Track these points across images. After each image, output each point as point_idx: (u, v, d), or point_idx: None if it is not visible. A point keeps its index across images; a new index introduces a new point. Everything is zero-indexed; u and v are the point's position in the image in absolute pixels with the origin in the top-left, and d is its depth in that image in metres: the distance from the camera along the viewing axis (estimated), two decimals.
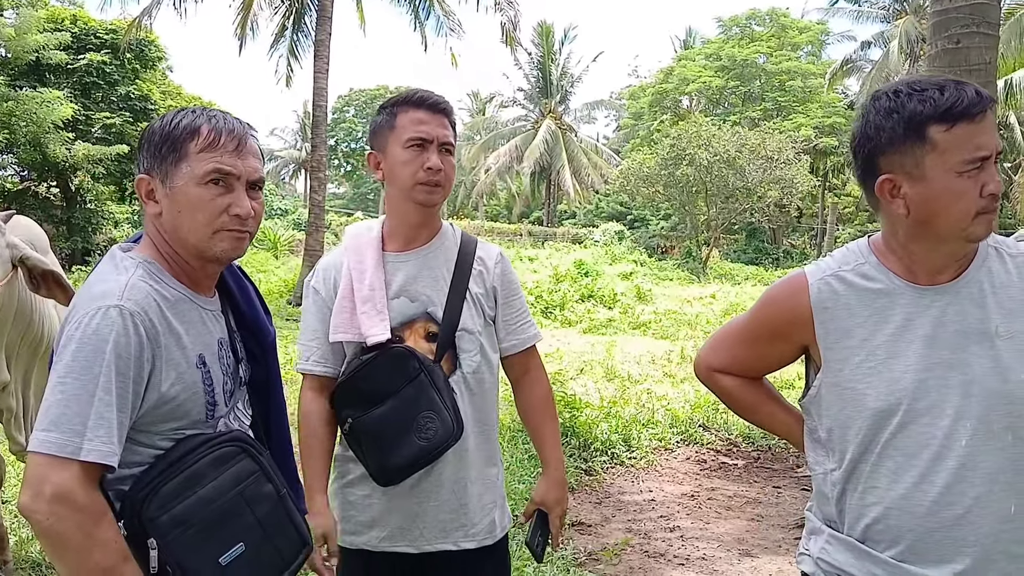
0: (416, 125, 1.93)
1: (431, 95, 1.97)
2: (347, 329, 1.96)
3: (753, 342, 1.74)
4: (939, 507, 1.46)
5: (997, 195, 1.45)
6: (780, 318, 1.66)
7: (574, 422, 6.21)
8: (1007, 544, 1.46)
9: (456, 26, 21.19)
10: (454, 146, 2.00)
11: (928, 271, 1.53)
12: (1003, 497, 1.45)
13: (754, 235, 35.48)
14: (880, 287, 1.54)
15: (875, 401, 1.50)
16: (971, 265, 1.53)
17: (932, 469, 1.47)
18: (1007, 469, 1.45)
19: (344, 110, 58.58)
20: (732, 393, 1.82)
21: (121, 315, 1.41)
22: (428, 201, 1.97)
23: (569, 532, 4.60)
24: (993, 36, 4.49)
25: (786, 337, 1.65)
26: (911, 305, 1.52)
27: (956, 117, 1.41)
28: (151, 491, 1.43)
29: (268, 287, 18.27)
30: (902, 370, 1.49)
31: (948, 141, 1.42)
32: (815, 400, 1.62)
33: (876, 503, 1.52)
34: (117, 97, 20.46)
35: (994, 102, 1.47)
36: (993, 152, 1.43)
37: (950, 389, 1.46)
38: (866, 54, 33.31)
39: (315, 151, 17.68)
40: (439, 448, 1.89)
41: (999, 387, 1.45)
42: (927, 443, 1.47)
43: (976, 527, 1.45)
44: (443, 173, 1.94)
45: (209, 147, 1.51)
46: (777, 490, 5.57)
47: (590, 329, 14.36)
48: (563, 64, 45.44)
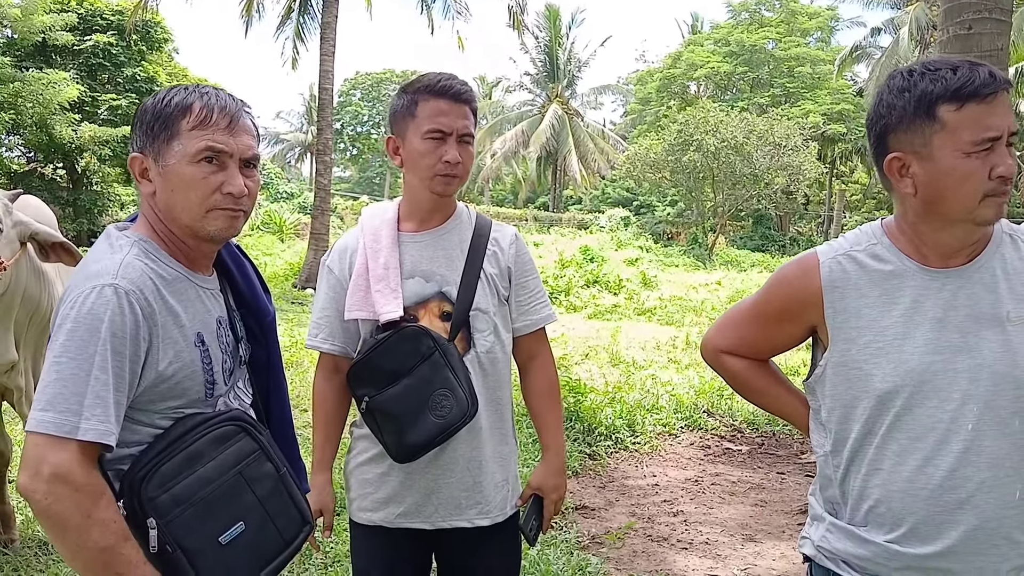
0: (436, 116, 1.91)
1: (453, 83, 1.93)
2: (362, 307, 1.96)
3: (763, 322, 1.73)
4: (943, 491, 1.45)
5: (1008, 178, 1.42)
6: (791, 297, 1.64)
7: (579, 407, 6.21)
8: (1010, 529, 1.45)
9: (463, 9, 21.09)
10: (474, 136, 1.98)
11: (939, 254, 1.51)
12: (1008, 482, 1.44)
13: (760, 222, 35.36)
14: (891, 268, 1.53)
15: (881, 382, 1.49)
16: (984, 250, 1.51)
17: (937, 452, 1.46)
18: (1013, 454, 1.44)
19: (350, 93, 58.39)
20: (739, 375, 1.81)
21: (116, 294, 1.39)
22: (445, 192, 1.97)
23: (573, 516, 4.61)
24: (1006, 22, 4.43)
25: (796, 317, 1.64)
26: (922, 287, 1.50)
27: (966, 97, 1.39)
28: (150, 470, 1.43)
29: (274, 270, 18.29)
30: (910, 352, 1.48)
31: (957, 121, 1.40)
32: (820, 379, 1.61)
33: (880, 485, 1.51)
34: (123, 79, 20.46)
35: (1009, 84, 1.45)
36: (1004, 134, 1.40)
37: (958, 373, 1.45)
38: (876, 40, 33.09)
39: (321, 134, 17.64)
40: (454, 426, 1.89)
41: (1008, 372, 1.44)
42: (933, 426, 1.46)
43: (980, 511, 1.44)
44: (461, 165, 1.94)
45: (201, 124, 1.49)
46: (781, 476, 5.56)
47: (595, 315, 14.35)
48: (570, 48, 45.20)
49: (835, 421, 1.58)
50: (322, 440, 2.10)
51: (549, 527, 2.20)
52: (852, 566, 1.56)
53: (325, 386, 2.09)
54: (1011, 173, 1.42)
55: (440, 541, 2.05)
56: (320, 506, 2.06)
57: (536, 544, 2.26)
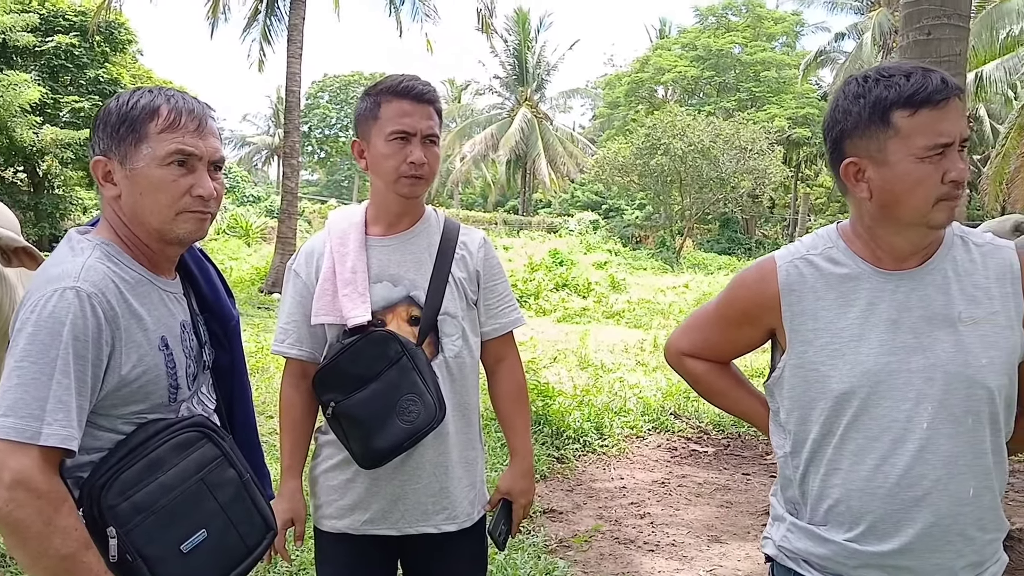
0: (399, 118, 1.89)
1: (415, 84, 1.92)
2: (328, 312, 1.95)
3: (723, 326, 1.75)
4: (899, 489, 1.48)
5: (960, 182, 1.45)
6: (749, 300, 1.67)
7: (547, 410, 6.22)
8: (964, 526, 1.48)
9: (432, 12, 21.07)
10: (439, 136, 1.97)
11: (893, 256, 1.54)
12: (962, 480, 1.47)
13: (727, 225, 35.73)
14: (847, 271, 1.56)
15: (838, 383, 1.52)
16: (936, 252, 1.54)
17: (893, 451, 1.48)
18: (967, 452, 1.48)
19: (318, 96, 57.99)
20: (701, 378, 1.83)
21: (78, 296, 1.38)
22: (411, 194, 1.96)
23: (540, 519, 4.62)
24: (963, 28, 4.52)
25: (755, 320, 1.67)
26: (876, 290, 1.53)
27: (919, 103, 1.42)
28: (111, 477, 1.41)
29: (240, 275, 18.10)
30: (866, 353, 1.50)
31: (910, 126, 1.42)
32: (779, 381, 1.63)
33: (839, 484, 1.54)
34: (86, 80, 20.14)
35: (961, 90, 1.48)
36: (956, 139, 1.43)
37: (913, 373, 1.48)
38: (840, 45, 33.58)
39: (288, 137, 17.51)
40: (422, 431, 1.88)
41: (960, 371, 1.47)
42: (889, 426, 1.49)
43: (935, 508, 1.47)
44: (427, 166, 1.92)
45: (170, 127, 1.48)
46: (746, 477, 5.63)
47: (564, 318, 14.41)
48: (539, 52, 45.32)
49: (794, 422, 1.60)
50: (290, 447, 2.05)
51: (518, 531, 2.20)
52: (813, 565, 1.58)
53: (292, 392, 2.05)
54: (963, 177, 1.45)
55: (406, 547, 2.04)
56: (291, 514, 2.01)
57: (505, 548, 2.25)
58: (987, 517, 1.51)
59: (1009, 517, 4.72)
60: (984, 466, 1.49)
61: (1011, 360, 1.50)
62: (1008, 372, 1.50)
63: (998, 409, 1.50)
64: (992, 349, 1.48)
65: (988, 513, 1.51)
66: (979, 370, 1.47)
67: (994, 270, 1.53)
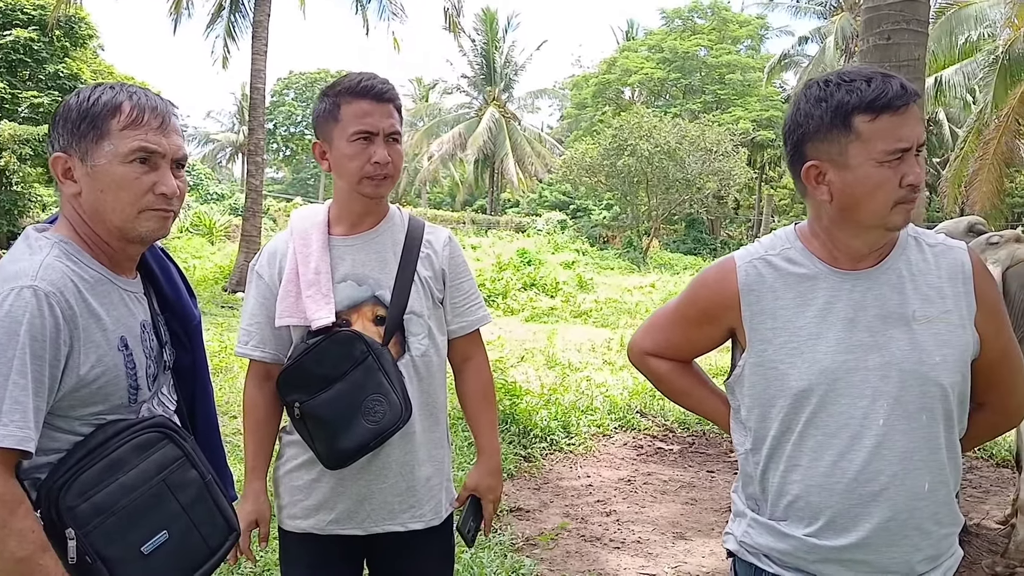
0: (360, 118, 1.88)
1: (374, 83, 1.90)
2: (292, 313, 1.93)
3: (684, 325, 1.77)
4: (857, 484, 1.51)
5: (916, 186, 1.48)
6: (710, 300, 1.69)
7: (514, 409, 6.23)
8: (921, 520, 1.52)
9: (399, 10, 21.00)
10: (401, 134, 1.96)
11: (850, 257, 1.57)
12: (918, 475, 1.51)
13: (693, 226, 36.06)
14: (804, 271, 1.59)
15: (797, 381, 1.54)
16: (891, 253, 1.58)
17: (851, 447, 1.52)
18: (922, 448, 1.51)
19: (284, 93, 57.37)
20: (664, 377, 1.85)
21: (35, 296, 1.35)
22: (376, 194, 1.95)
23: (507, 518, 4.63)
24: (922, 33, 4.62)
25: (715, 319, 1.69)
26: (833, 289, 1.56)
27: (880, 108, 1.45)
28: (69, 478, 1.39)
29: (203, 273, 17.87)
30: (823, 351, 1.53)
31: (871, 131, 1.45)
32: (739, 379, 1.65)
33: (798, 480, 1.56)
34: (45, 75, 19.73)
35: (919, 96, 1.51)
36: (914, 144, 1.47)
37: (869, 371, 1.51)
38: (803, 49, 34.10)
39: (252, 134, 17.32)
40: (388, 431, 1.87)
41: (915, 369, 1.50)
42: (846, 423, 1.52)
43: (892, 503, 1.50)
44: (391, 165, 1.91)
45: (132, 124, 1.46)
46: (711, 474, 5.69)
47: (532, 317, 14.43)
48: (507, 52, 45.31)
49: (754, 419, 1.63)
50: (254, 447, 2.04)
51: (490, 529, 2.20)
52: (774, 560, 1.61)
53: (256, 393, 2.03)
54: (920, 181, 1.48)
55: (373, 547, 2.03)
56: (256, 516, 2.00)
57: (474, 545, 2.25)
58: (942, 512, 1.55)
59: (967, 512, 4.85)
60: (939, 462, 1.53)
61: (964, 358, 1.53)
62: (961, 370, 1.53)
63: (952, 406, 1.53)
64: (945, 347, 1.51)
65: (943, 508, 1.55)
66: (933, 368, 1.50)
67: (946, 270, 1.56)
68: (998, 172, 15.30)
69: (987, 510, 4.90)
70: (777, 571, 1.60)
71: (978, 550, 4.20)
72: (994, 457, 5.96)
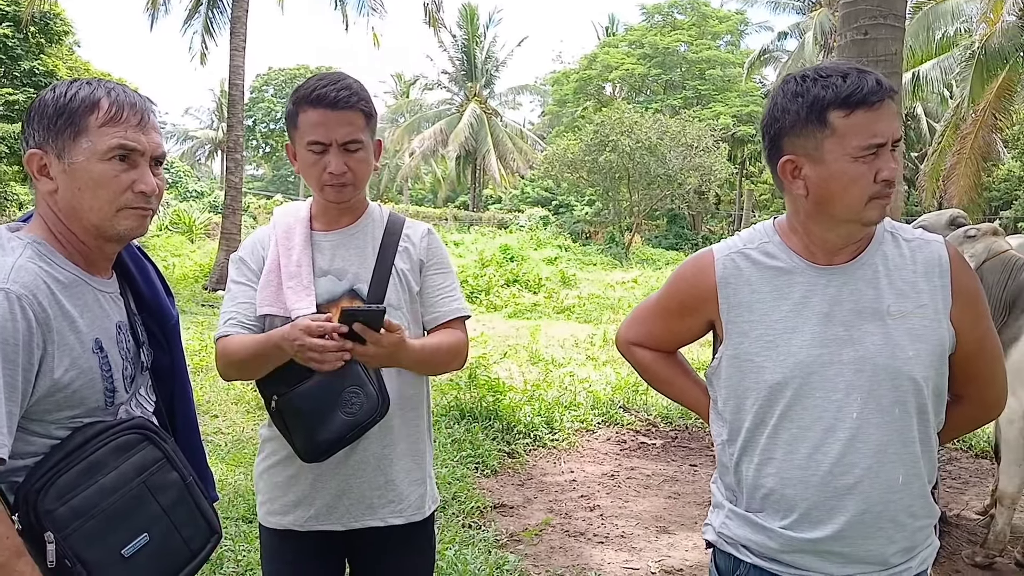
0: (313, 128, 1.85)
1: (329, 91, 1.85)
2: (272, 303, 1.93)
3: (665, 316, 1.81)
4: (832, 477, 1.53)
5: (891, 181, 1.50)
6: (688, 293, 1.72)
7: (497, 405, 6.24)
8: (895, 512, 1.54)
9: (378, 5, 20.91)
10: (362, 141, 1.90)
11: (826, 251, 1.59)
12: (891, 468, 1.53)
13: (675, 221, 36.22)
14: (781, 265, 1.61)
15: (771, 374, 1.56)
16: (867, 248, 1.59)
17: (825, 440, 1.53)
18: (895, 441, 1.53)
19: (263, 89, 57.02)
20: (647, 366, 1.88)
21: (7, 299, 1.33)
22: (338, 199, 1.94)
23: (491, 514, 4.63)
24: (899, 28, 4.64)
25: (693, 311, 1.72)
26: (810, 283, 1.58)
27: (855, 104, 1.46)
28: (47, 482, 1.37)
29: (183, 271, 17.73)
30: (799, 345, 1.55)
31: (846, 126, 1.47)
32: (716, 371, 1.68)
33: (773, 473, 1.58)
34: (20, 72, 19.45)
35: (894, 91, 1.52)
36: (889, 140, 1.48)
37: (844, 365, 1.53)
38: (782, 44, 34.28)
39: (231, 131, 17.19)
40: (364, 423, 1.86)
41: (888, 363, 1.52)
42: (820, 416, 1.54)
43: (866, 496, 1.52)
44: (348, 174, 1.89)
45: (111, 121, 1.44)
46: (693, 468, 5.72)
47: (515, 313, 14.44)
48: (488, 48, 45.27)
49: (730, 411, 1.65)
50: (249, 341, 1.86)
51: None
52: (752, 551, 1.63)
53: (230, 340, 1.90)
54: (894, 176, 1.50)
55: (353, 543, 2.02)
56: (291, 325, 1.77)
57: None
58: (917, 504, 1.56)
59: (946, 504, 4.91)
60: (913, 455, 1.55)
61: (938, 352, 1.55)
62: (935, 364, 1.55)
63: (926, 400, 1.55)
64: (919, 342, 1.53)
65: (918, 500, 1.57)
66: (906, 362, 1.52)
67: (923, 264, 1.57)
68: (975, 166, 15.49)
69: (966, 501, 4.96)
70: (755, 561, 1.62)
71: (958, 541, 4.25)
72: (973, 448, 6.03)
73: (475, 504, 4.64)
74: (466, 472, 5.15)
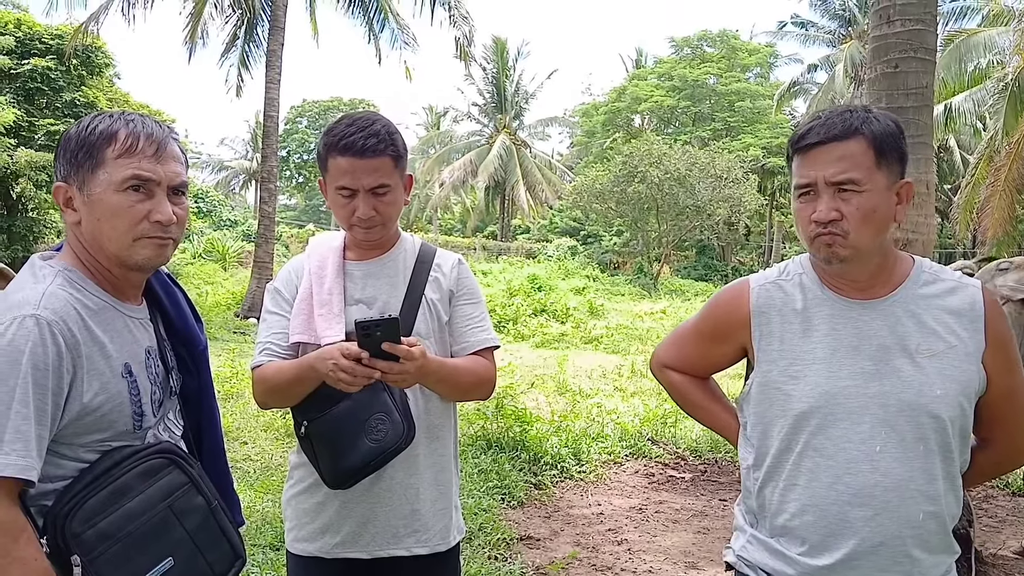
0: (341, 175, 1.89)
1: (357, 138, 1.86)
2: (304, 331, 1.95)
3: (699, 341, 1.85)
4: (851, 507, 1.54)
5: (822, 223, 1.53)
6: (723, 319, 1.77)
7: (524, 436, 6.20)
8: (911, 547, 1.54)
9: (411, 39, 21.22)
10: (390, 185, 1.92)
11: (856, 287, 1.62)
12: (912, 503, 1.53)
13: (704, 252, 36.03)
14: (813, 297, 1.65)
15: (798, 403, 1.59)
16: (902, 285, 1.61)
17: (848, 471, 1.55)
18: (917, 477, 1.53)
19: (297, 121, 57.93)
20: (679, 389, 1.92)
21: (38, 324, 1.36)
22: (367, 240, 1.99)
23: (517, 546, 4.58)
24: (930, 61, 4.62)
25: (727, 338, 1.76)
26: (840, 317, 1.61)
27: (796, 149, 1.58)
28: (75, 505, 1.39)
29: (216, 299, 17.95)
30: (826, 376, 1.57)
31: (794, 168, 1.60)
32: (747, 397, 1.71)
33: (795, 500, 1.60)
34: (62, 103, 19.99)
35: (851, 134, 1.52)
36: (815, 183, 1.53)
37: (869, 398, 1.55)
38: (812, 77, 34.21)
39: (265, 161, 17.48)
40: (389, 450, 1.86)
41: (914, 400, 1.53)
42: (844, 447, 1.55)
43: (884, 529, 1.53)
44: (376, 217, 1.93)
45: (127, 153, 1.47)
46: (723, 503, 5.62)
47: (542, 343, 14.40)
48: (517, 80, 45.67)
49: (757, 437, 1.68)
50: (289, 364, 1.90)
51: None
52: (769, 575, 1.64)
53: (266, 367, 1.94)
54: (823, 219, 1.53)
55: (378, 572, 2.01)
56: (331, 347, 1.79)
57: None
58: (934, 540, 1.56)
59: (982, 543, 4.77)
60: (934, 492, 1.54)
61: (966, 393, 1.55)
62: (962, 404, 1.55)
63: (950, 439, 1.55)
64: (948, 381, 1.54)
65: (935, 537, 1.56)
66: (932, 400, 1.53)
67: (957, 306, 1.59)
68: (1010, 199, 15.25)
69: (1003, 540, 4.82)
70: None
71: None
72: (1010, 486, 5.88)
73: (501, 536, 4.60)
74: (492, 503, 5.12)
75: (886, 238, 1.59)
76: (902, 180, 1.57)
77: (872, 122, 1.53)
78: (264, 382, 1.94)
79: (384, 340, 1.72)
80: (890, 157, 1.54)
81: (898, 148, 1.55)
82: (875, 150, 1.52)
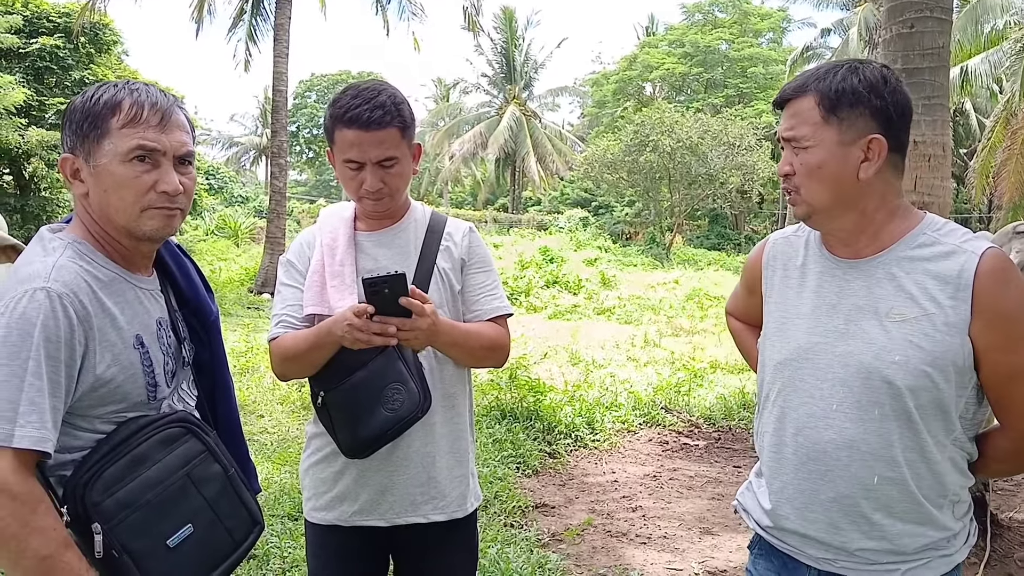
0: (348, 148, 1.88)
1: (363, 110, 1.85)
2: (317, 302, 1.96)
3: (742, 291, 1.98)
4: (808, 460, 1.58)
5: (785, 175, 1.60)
6: (749, 271, 1.89)
7: (538, 406, 6.23)
8: (868, 510, 1.53)
9: (418, 10, 21.06)
10: (397, 157, 1.91)
11: (845, 244, 1.62)
12: (861, 465, 1.53)
13: (716, 221, 35.82)
14: (810, 253, 1.69)
15: (778, 354, 1.66)
16: (892, 246, 1.55)
17: (807, 425, 1.59)
18: (871, 440, 1.52)
19: (306, 95, 57.80)
20: (734, 335, 2.08)
21: (49, 297, 1.36)
22: (375, 211, 1.99)
23: (533, 514, 4.63)
24: (947, 21, 4.53)
25: (753, 288, 1.85)
26: (826, 274, 1.63)
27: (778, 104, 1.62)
28: (94, 475, 1.40)
29: (229, 275, 18.03)
30: (804, 331, 1.62)
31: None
32: (759, 344, 1.79)
33: (766, 448, 1.69)
34: (71, 82, 19.98)
35: (802, 91, 1.55)
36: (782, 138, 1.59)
37: (835, 357, 1.56)
38: (826, 41, 33.68)
39: (275, 137, 17.46)
40: (406, 419, 1.88)
41: (870, 363, 1.51)
42: (806, 400, 1.59)
43: (835, 486, 1.55)
44: (384, 188, 1.92)
45: (131, 122, 1.46)
46: (737, 469, 5.65)
47: (555, 315, 14.41)
48: (526, 50, 45.29)
49: (758, 383, 1.77)
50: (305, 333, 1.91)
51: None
52: (754, 519, 1.75)
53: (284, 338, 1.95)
54: (780, 173, 1.62)
55: (396, 540, 2.04)
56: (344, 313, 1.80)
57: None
58: (898, 508, 1.52)
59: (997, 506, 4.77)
60: (891, 458, 1.51)
61: (937, 365, 1.46)
62: (929, 374, 1.46)
63: (910, 408, 1.48)
64: (911, 348, 1.47)
65: (899, 504, 1.52)
66: (888, 366, 1.48)
67: (943, 272, 1.48)
68: None
69: (1018, 503, 4.82)
70: (758, 530, 1.75)
71: (1010, 543, 4.13)
72: None
73: (516, 503, 4.65)
74: (507, 472, 5.16)
75: (861, 195, 1.52)
76: (870, 136, 1.49)
77: (830, 77, 1.51)
78: (282, 352, 1.95)
79: (393, 296, 1.74)
80: (848, 112, 1.48)
81: (864, 103, 1.48)
82: (823, 107, 1.50)
